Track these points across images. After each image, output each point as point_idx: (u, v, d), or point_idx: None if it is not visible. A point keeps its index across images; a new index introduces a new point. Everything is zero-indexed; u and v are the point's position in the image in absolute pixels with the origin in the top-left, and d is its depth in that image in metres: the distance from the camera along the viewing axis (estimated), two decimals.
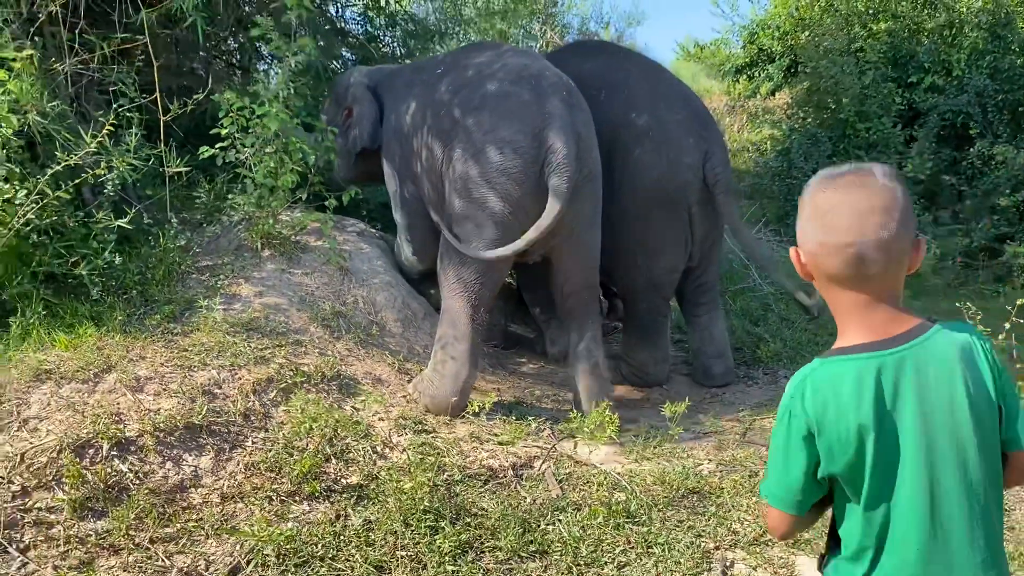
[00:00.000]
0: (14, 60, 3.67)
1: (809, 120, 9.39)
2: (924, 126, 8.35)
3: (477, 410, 3.46)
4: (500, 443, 3.46)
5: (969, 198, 7.69)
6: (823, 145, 8.75)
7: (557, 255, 4.04)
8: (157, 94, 4.39)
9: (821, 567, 1.54)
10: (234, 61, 6.43)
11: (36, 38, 4.24)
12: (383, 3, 6.92)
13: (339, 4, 6.90)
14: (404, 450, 3.28)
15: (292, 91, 4.52)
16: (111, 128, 3.86)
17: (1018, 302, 2.93)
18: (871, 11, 9.89)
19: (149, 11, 4.47)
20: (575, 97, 3.97)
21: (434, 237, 4.35)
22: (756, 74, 12.08)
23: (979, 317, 3.01)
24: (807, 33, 10.40)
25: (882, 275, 1.37)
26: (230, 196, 4.60)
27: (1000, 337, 2.93)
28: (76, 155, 3.70)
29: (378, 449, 3.26)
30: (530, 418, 3.64)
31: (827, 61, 8.97)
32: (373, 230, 5.38)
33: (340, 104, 5.06)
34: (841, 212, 1.38)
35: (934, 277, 6.83)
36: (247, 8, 5.72)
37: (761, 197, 10.23)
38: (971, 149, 8.03)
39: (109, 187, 3.96)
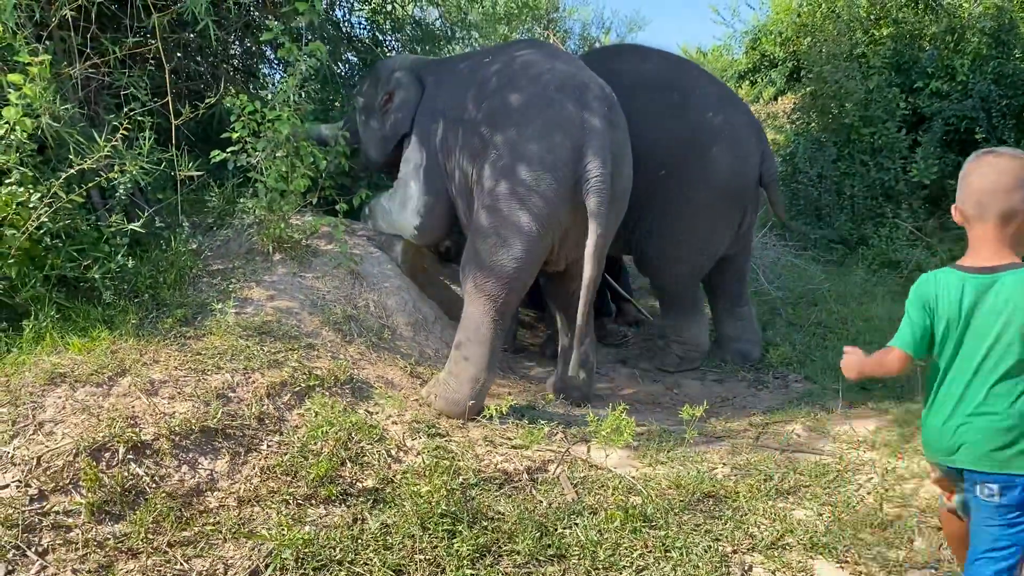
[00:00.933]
0: (30, 64, 3.66)
1: (813, 125, 9.40)
2: (929, 131, 8.34)
3: (491, 414, 3.46)
4: (514, 447, 3.46)
5: None
6: (828, 150, 8.76)
7: (577, 263, 4.09)
8: (168, 98, 4.40)
9: None
10: (240, 65, 6.44)
11: (48, 42, 4.25)
12: (389, 8, 6.94)
13: (345, 9, 6.91)
14: (419, 454, 3.27)
15: (303, 95, 4.54)
16: (124, 132, 3.86)
17: None
18: (872, 16, 9.91)
19: (160, 15, 4.48)
20: (615, 113, 3.98)
21: (446, 218, 4.60)
22: (759, 79, 12.10)
23: None
24: (809, 39, 10.42)
25: (995, 224, 2.07)
26: (241, 200, 4.60)
27: None
28: (89, 159, 3.71)
29: (393, 453, 3.26)
30: (543, 422, 3.64)
31: (830, 66, 8.98)
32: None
33: (381, 88, 5.05)
34: (980, 174, 2.12)
35: None
36: (255, 12, 5.74)
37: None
38: None
39: (121, 191, 3.96)
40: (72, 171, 3.62)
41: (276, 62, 6.27)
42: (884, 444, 3.46)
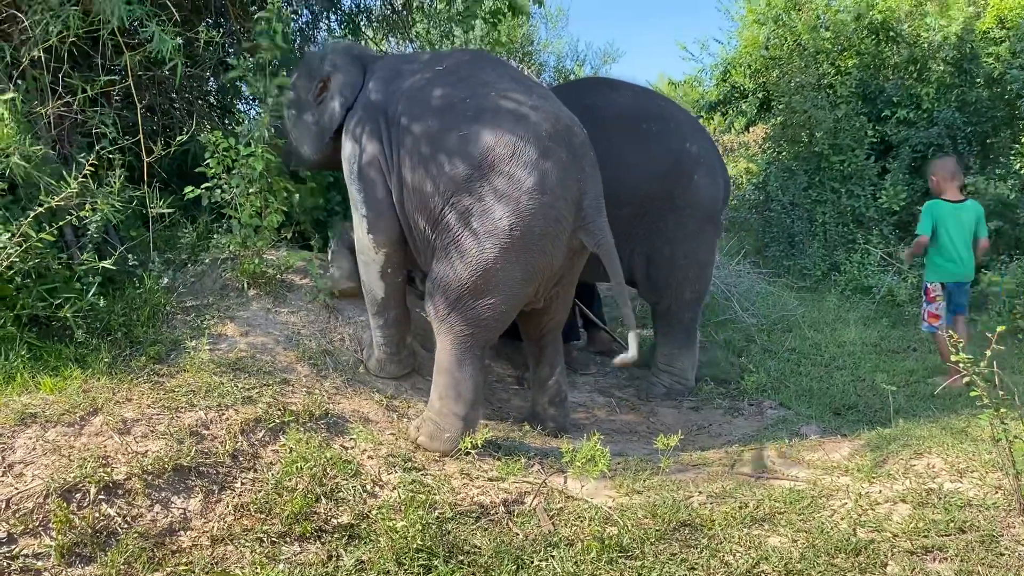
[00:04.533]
0: None
1: (784, 154, 9.55)
2: (897, 158, 8.51)
3: (467, 447, 3.45)
4: (490, 479, 3.45)
5: None
6: (799, 177, 8.90)
7: (551, 298, 4.13)
8: (140, 136, 4.41)
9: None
10: (216, 101, 6.46)
11: (19, 81, 4.26)
12: (362, 41, 7.00)
13: (320, 42, 6.96)
14: (394, 488, 3.26)
15: (275, 130, 4.56)
16: (91, 169, 3.86)
17: (999, 329, 2.99)
18: (837, 48, 10.12)
19: (132, 54, 4.50)
20: (593, 154, 3.92)
21: (396, 225, 4.12)
22: (729, 111, 12.26)
23: (960, 344, 3.06)
24: (777, 71, 10.61)
25: (958, 182, 5.43)
26: (214, 236, 4.60)
27: (981, 364, 2.99)
28: (58, 197, 3.70)
29: (368, 488, 3.24)
30: (519, 454, 3.64)
31: (799, 97, 9.16)
32: None
33: (313, 77, 4.62)
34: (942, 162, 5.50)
35: (912, 306, 6.92)
36: (229, 49, 5.78)
37: (739, 230, 10.36)
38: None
39: (92, 229, 3.96)
40: (42, 210, 3.61)
41: (252, 98, 6.30)
42: (857, 469, 3.49)
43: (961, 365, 3.07)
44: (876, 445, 3.77)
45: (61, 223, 3.84)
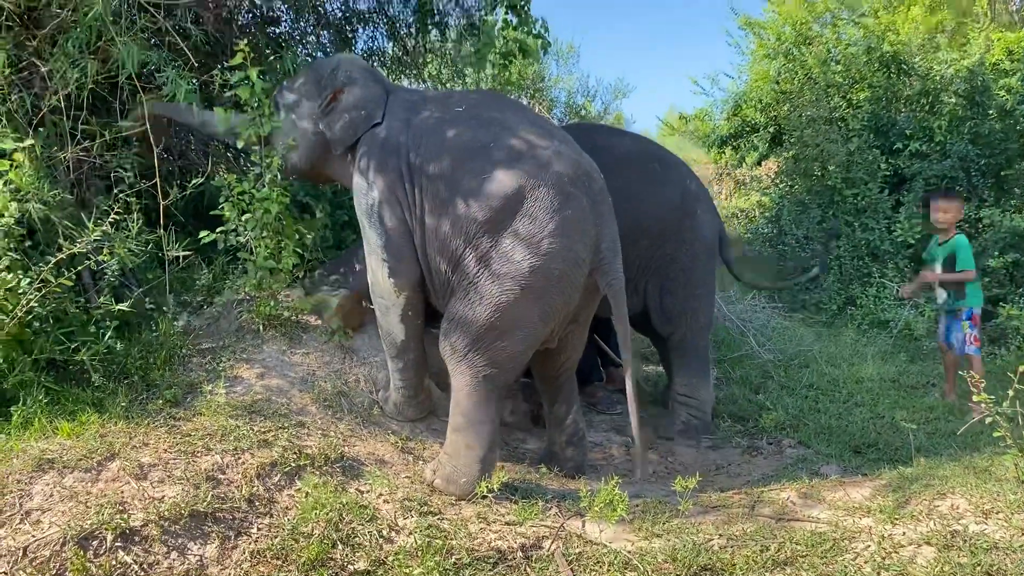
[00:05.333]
0: (15, 151, 3.72)
1: (797, 187, 9.55)
2: (911, 191, 8.48)
3: (484, 491, 3.43)
4: (508, 523, 3.42)
5: None
6: (812, 211, 8.89)
7: (566, 337, 4.12)
8: (157, 179, 4.45)
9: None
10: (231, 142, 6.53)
11: (40, 128, 4.33)
12: None
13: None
14: (411, 533, 3.23)
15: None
16: (114, 217, 3.90)
17: (1020, 369, 2.96)
18: (848, 81, 10.16)
19: (149, 97, 4.56)
20: (610, 199, 3.97)
21: (417, 268, 4.10)
22: (741, 144, 12.31)
23: (983, 385, 3.03)
24: (788, 105, 10.65)
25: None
26: (230, 278, 4.63)
27: (1004, 405, 2.95)
28: (78, 244, 3.73)
29: (384, 533, 3.21)
30: (536, 497, 3.61)
31: (811, 130, 9.18)
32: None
33: (323, 86, 4.50)
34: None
35: (930, 340, 6.86)
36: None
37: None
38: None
39: (110, 273, 3.99)
40: (61, 256, 3.64)
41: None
42: (880, 510, 3.43)
43: (983, 405, 3.04)
44: (898, 485, 3.71)
45: (79, 268, 3.87)
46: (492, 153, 3.76)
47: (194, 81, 4.54)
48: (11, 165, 3.74)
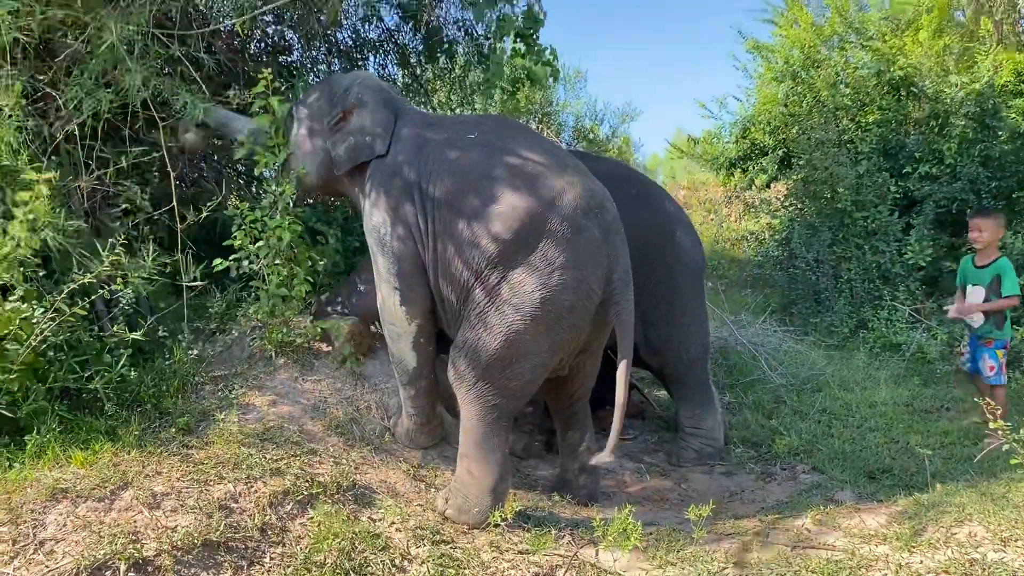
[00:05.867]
0: (35, 182, 3.76)
1: (806, 210, 9.54)
2: (921, 213, 8.46)
3: (496, 520, 3.41)
4: (520, 552, 3.40)
5: None
6: (822, 234, 8.87)
7: (577, 366, 4.11)
8: (174, 203, 4.48)
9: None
10: (243, 169, 6.58)
11: (53, 157, 4.37)
12: None
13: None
14: (423, 562, 3.22)
15: (301, 200, 4.63)
16: (125, 243, 3.92)
17: None
18: (857, 104, 10.17)
19: (164, 124, 4.60)
20: (623, 229, 3.95)
21: (429, 295, 4.09)
22: (750, 167, 12.31)
23: (999, 412, 3.01)
24: (797, 127, 10.66)
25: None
26: (243, 305, 4.65)
27: (1022, 432, 2.92)
28: (92, 274, 3.75)
29: (397, 562, 3.20)
30: (549, 525, 3.59)
31: (820, 153, 9.18)
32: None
33: (334, 104, 4.51)
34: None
35: (943, 363, 6.82)
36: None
37: (764, 286, 10.32)
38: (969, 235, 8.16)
39: (124, 302, 4.01)
40: (76, 285, 3.67)
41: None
42: (896, 537, 3.40)
43: (1000, 432, 3.01)
44: (914, 512, 3.68)
45: (93, 297, 3.89)
46: (504, 183, 3.74)
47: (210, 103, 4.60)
48: (32, 196, 3.78)
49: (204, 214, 4.54)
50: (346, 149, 4.39)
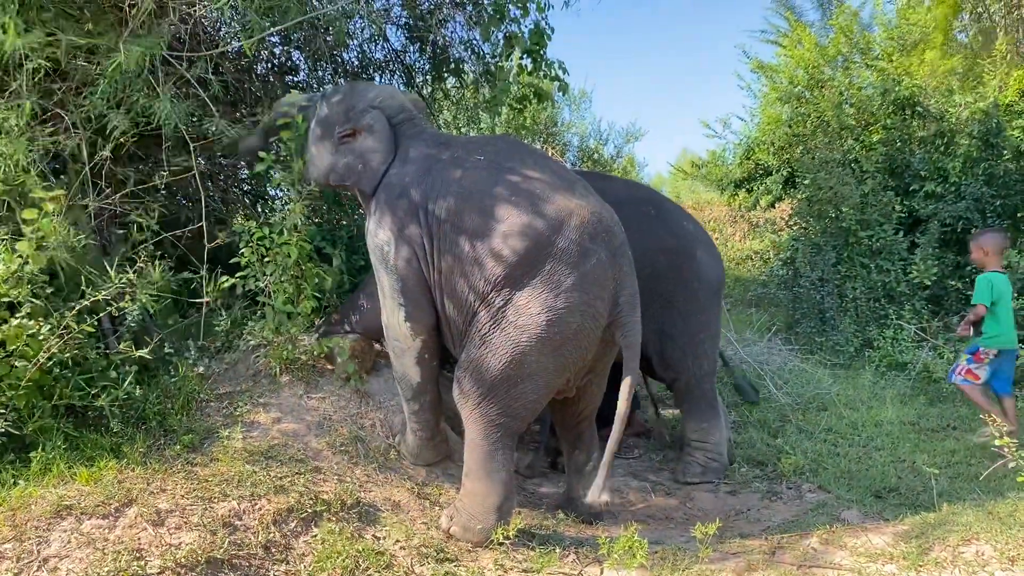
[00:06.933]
0: (44, 200, 3.78)
1: (811, 229, 9.55)
2: (926, 232, 8.47)
3: (501, 538, 3.40)
4: (525, 571, 3.39)
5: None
6: (827, 253, 8.87)
7: (584, 387, 4.11)
8: (202, 222, 4.51)
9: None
10: (250, 188, 6.62)
11: (62, 176, 4.41)
12: None
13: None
14: None
15: (307, 218, 4.65)
16: (133, 263, 3.95)
17: None
18: (862, 124, 10.21)
19: (195, 144, 4.62)
20: (630, 252, 3.95)
21: (433, 311, 4.08)
22: (755, 187, 12.34)
23: (1005, 429, 3.00)
24: (801, 147, 10.69)
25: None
26: (249, 323, 4.66)
27: None
28: (101, 292, 3.77)
29: None
30: (554, 544, 3.57)
31: (824, 173, 9.20)
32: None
33: (349, 118, 4.49)
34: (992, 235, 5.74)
35: (949, 383, 6.78)
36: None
37: (769, 305, 10.31)
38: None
39: (131, 319, 4.02)
40: (83, 303, 3.68)
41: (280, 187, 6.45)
42: (903, 557, 3.38)
43: (1006, 450, 3.00)
44: (921, 531, 3.66)
45: (100, 314, 3.91)
46: (510, 204, 3.75)
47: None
48: (40, 214, 3.81)
49: (228, 239, 4.58)
50: (344, 166, 4.46)
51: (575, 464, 4.36)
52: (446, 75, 6.96)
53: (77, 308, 3.66)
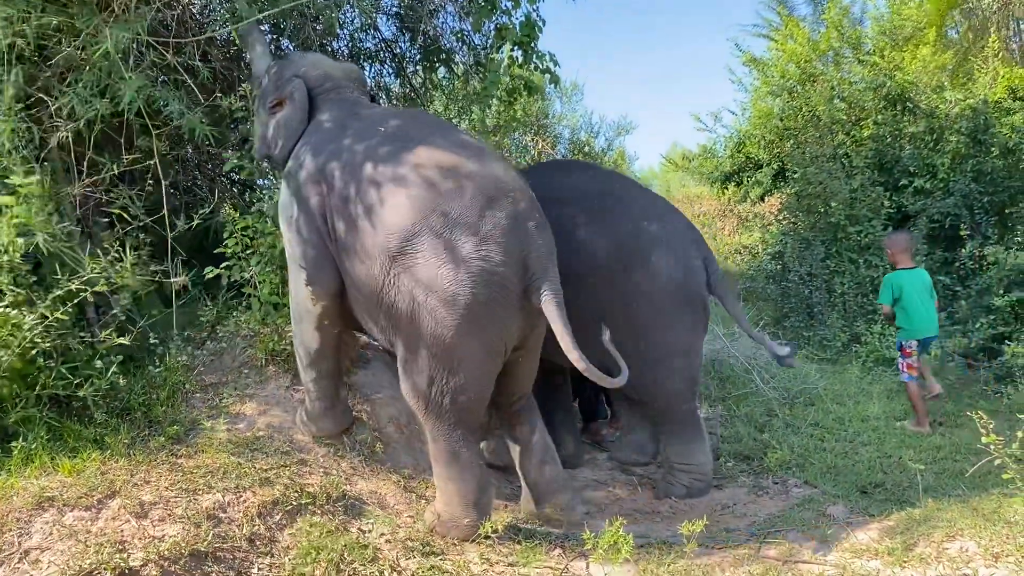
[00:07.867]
0: (20, 186, 3.74)
1: (800, 224, 9.57)
2: (915, 228, 8.50)
3: (486, 532, 3.39)
4: (510, 564, 3.38)
5: (964, 298, 7.78)
6: (816, 248, 8.89)
7: (515, 362, 3.92)
8: (165, 212, 4.46)
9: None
10: (237, 178, 6.57)
11: (45, 163, 4.35)
12: None
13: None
14: (413, 574, 3.20)
15: None
16: (116, 250, 3.90)
17: None
18: (853, 119, 10.22)
19: (158, 133, 4.58)
20: (540, 215, 3.76)
21: (336, 278, 3.94)
22: (744, 180, 12.36)
23: (991, 425, 3.01)
24: (792, 142, 10.71)
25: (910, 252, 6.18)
26: (234, 314, 4.63)
27: (1014, 446, 2.92)
28: (82, 279, 3.72)
29: (387, 574, 3.18)
30: (539, 538, 3.56)
31: (814, 168, 9.21)
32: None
33: (278, 87, 4.42)
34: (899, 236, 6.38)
35: (937, 378, 6.81)
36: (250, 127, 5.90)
37: (757, 299, 10.32)
38: (962, 250, 8.19)
39: (117, 308, 3.98)
40: (65, 290, 3.64)
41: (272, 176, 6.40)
42: (888, 552, 3.39)
43: (992, 447, 3.01)
44: (906, 527, 3.67)
45: (77, 300, 3.84)
46: (404, 175, 3.61)
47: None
48: (17, 200, 3.76)
49: (195, 223, 4.52)
50: (269, 137, 4.42)
51: (521, 443, 4.12)
52: (437, 65, 6.91)
53: (57, 295, 3.61)
